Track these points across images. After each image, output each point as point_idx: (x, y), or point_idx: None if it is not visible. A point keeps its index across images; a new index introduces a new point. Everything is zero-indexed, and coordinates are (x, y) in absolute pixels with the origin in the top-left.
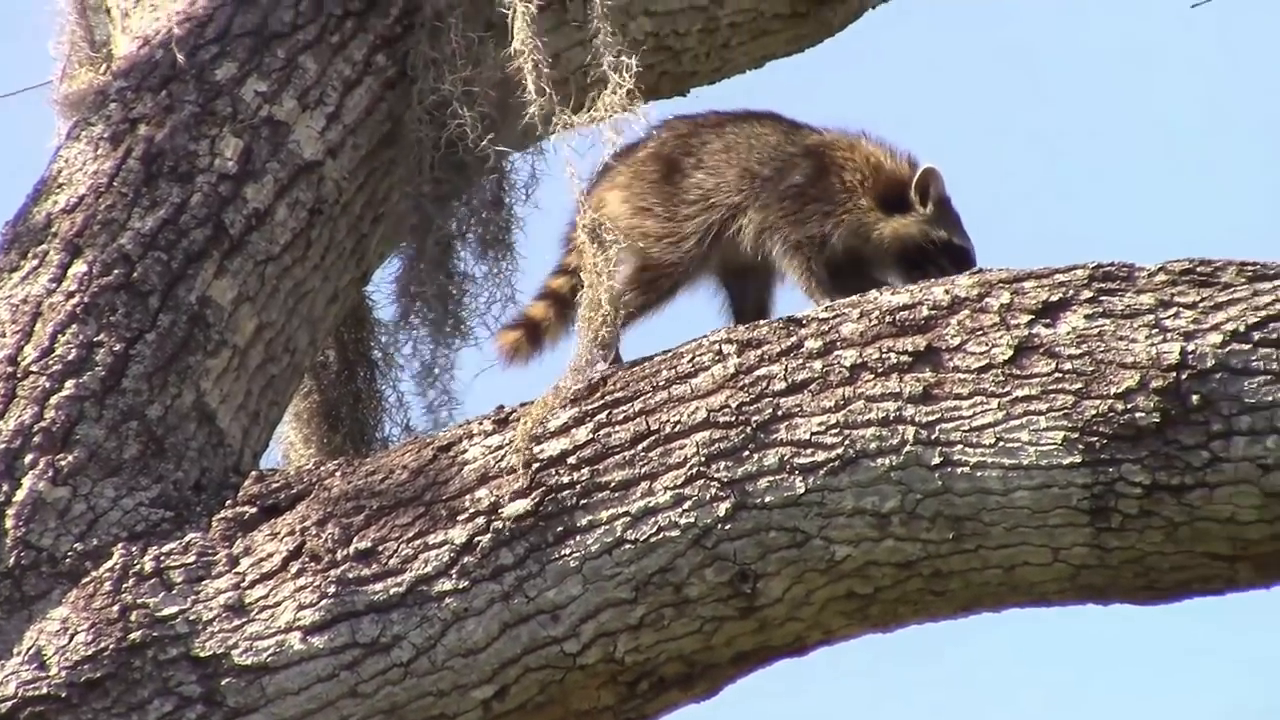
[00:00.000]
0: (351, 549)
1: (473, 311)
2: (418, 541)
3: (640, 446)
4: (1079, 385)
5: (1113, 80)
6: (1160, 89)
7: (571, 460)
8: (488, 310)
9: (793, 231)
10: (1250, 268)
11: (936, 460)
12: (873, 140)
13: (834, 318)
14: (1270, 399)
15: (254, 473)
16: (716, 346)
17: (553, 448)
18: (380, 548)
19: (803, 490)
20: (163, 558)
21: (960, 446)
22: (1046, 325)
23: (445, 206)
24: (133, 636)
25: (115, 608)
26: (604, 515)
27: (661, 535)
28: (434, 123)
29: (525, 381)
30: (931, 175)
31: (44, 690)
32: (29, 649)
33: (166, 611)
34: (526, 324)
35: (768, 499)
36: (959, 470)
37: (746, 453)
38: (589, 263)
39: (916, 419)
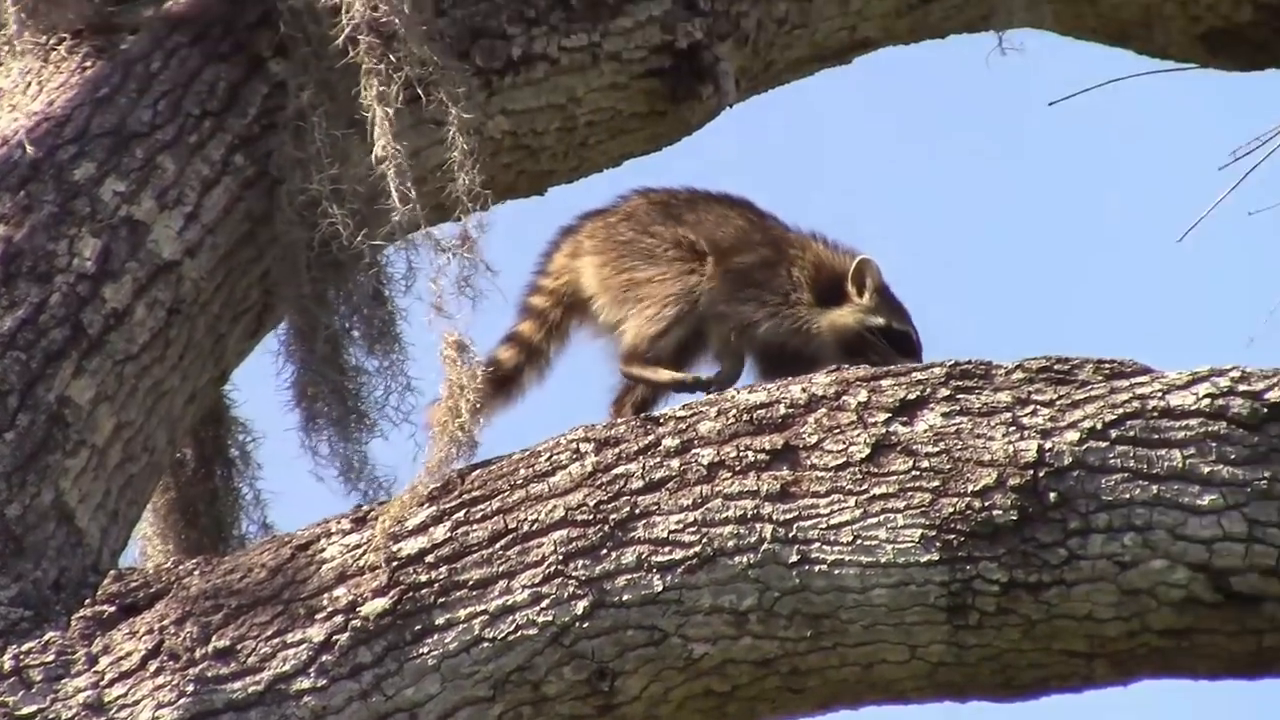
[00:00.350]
0: (210, 647)
1: (372, 405)
2: (276, 640)
3: (498, 545)
4: (936, 483)
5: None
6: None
7: (430, 559)
8: (386, 403)
9: (725, 305)
10: (1107, 365)
11: (794, 558)
12: (821, 240)
13: (691, 416)
14: (1127, 496)
15: (113, 571)
16: (574, 445)
17: (411, 546)
18: (239, 646)
19: (660, 588)
20: (22, 656)
21: (818, 544)
22: (904, 423)
23: (327, 305)
24: None
25: None
26: (462, 613)
27: (519, 633)
28: (305, 223)
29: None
30: (866, 265)
31: None
32: None
33: (26, 710)
34: (493, 374)
35: (626, 597)
36: (817, 568)
37: (604, 551)
38: (451, 375)
39: (774, 517)
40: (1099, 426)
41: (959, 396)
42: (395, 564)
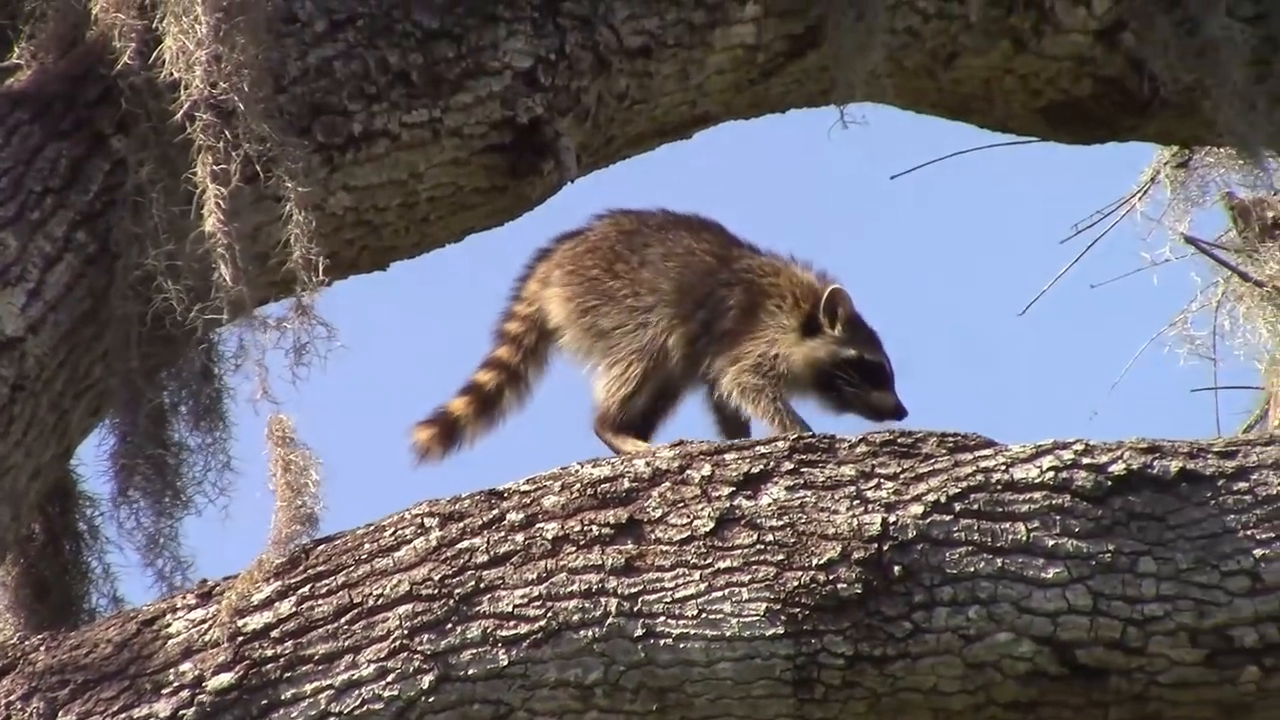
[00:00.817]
0: None
1: (190, 481)
2: (122, 715)
3: (344, 619)
4: (781, 557)
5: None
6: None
7: (275, 633)
8: (204, 479)
9: (740, 371)
10: (951, 439)
11: (639, 632)
12: (798, 264)
13: (536, 490)
14: (972, 570)
15: None
16: (419, 519)
17: (256, 621)
18: None
19: (506, 662)
20: None
21: (663, 618)
22: (748, 497)
23: (155, 380)
24: None
25: None
26: (308, 688)
27: (365, 708)
28: (139, 298)
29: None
30: (839, 295)
31: None
32: None
33: None
34: (443, 420)
35: (471, 671)
36: (662, 642)
37: (450, 625)
38: (279, 455)
39: (619, 591)
40: (943, 500)
41: (803, 470)
42: (241, 639)
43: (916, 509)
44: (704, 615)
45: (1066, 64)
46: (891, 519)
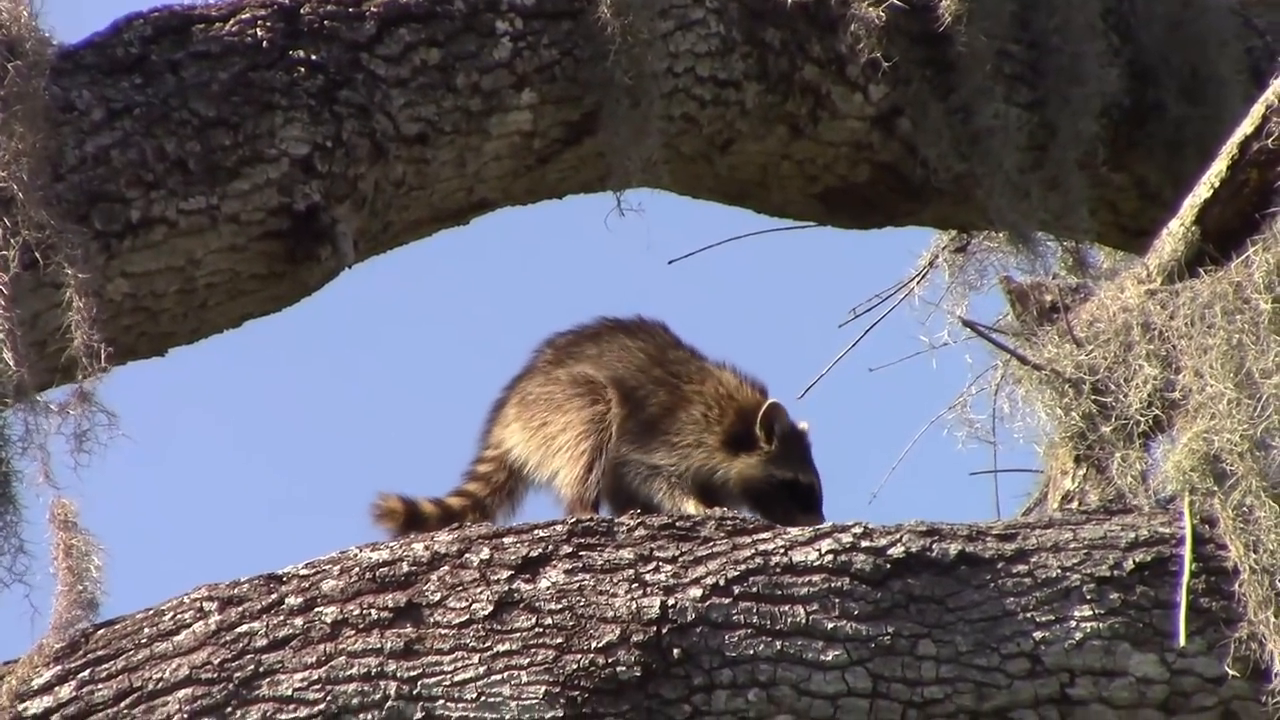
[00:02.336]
0: None
1: None
2: None
3: (124, 704)
4: (560, 640)
5: None
6: None
7: (56, 718)
8: None
9: (632, 452)
10: (730, 522)
11: (419, 715)
12: (731, 371)
13: (315, 574)
14: (751, 652)
15: None
16: (198, 604)
17: (37, 706)
18: None
19: None
20: None
21: (442, 701)
22: (527, 580)
23: None
24: None
25: None
26: None
27: None
28: None
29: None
30: (775, 411)
31: None
32: None
33: None
34: (410, 509)
35: None
36: None
37: (230, 709)
38: (61, 540)
39: (399, 674)
40: (722, 583)
41: (581, 554)
42: None
43: (695, 592)
44: (483, 698)
45: (843, 150)
46: (670, 602)
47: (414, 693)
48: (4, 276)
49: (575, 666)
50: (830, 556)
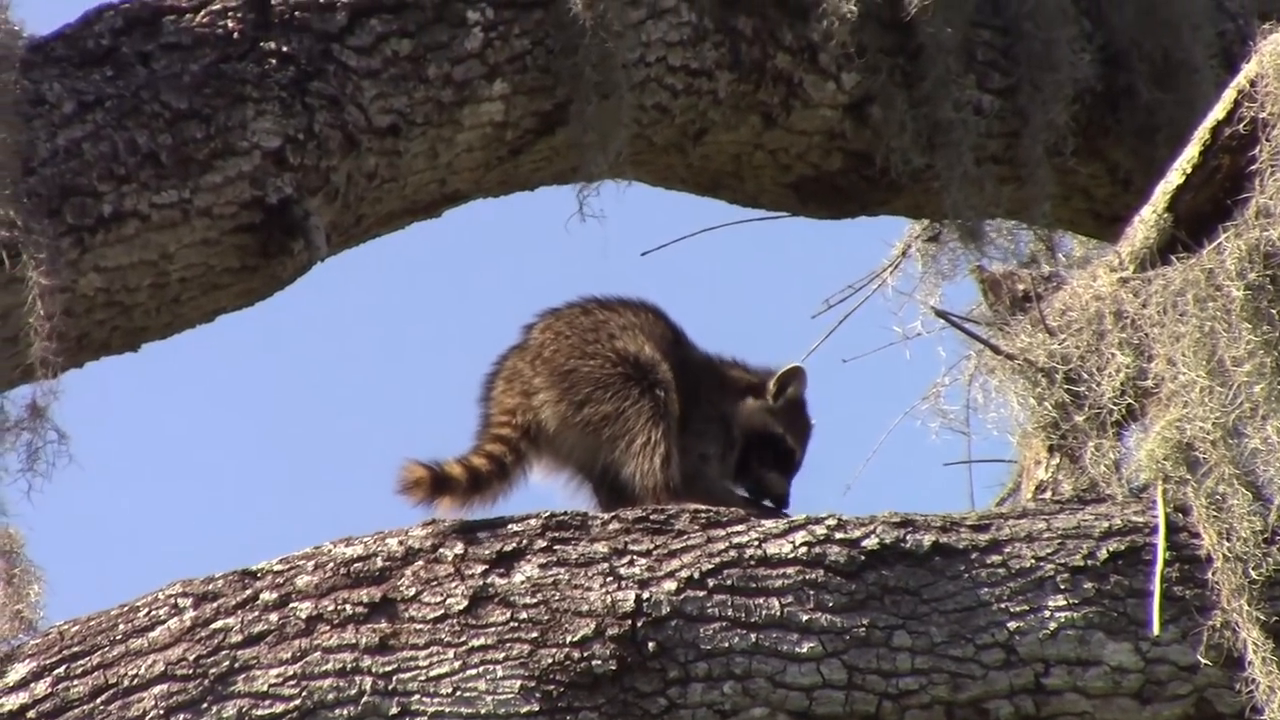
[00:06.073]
0: None
1: None
2: None
3: (99, 700)
4: (535, 634)
5: None
6: None
7: (31, 715)
8: None
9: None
10: (704, 514)
11: (395, 710)
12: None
13: (289, 570)
14: (726, 645)
15: None
16: (172, 600)
17: (12, 702)
18: None
19: None
20: None
21: (418, 696)
22: (501, 575)
23: None
24: None
25: None
26: None
27: None
28: None
29: None
30: (796, 373)
31: None
32: None
33: None
34: (435, 475)
35: None
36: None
37: (205, 705)
38: (12, 568)
39: (374, 669)
40: (696, 576)
41: (556, 548)
42: None
43: (670, 585)
44: (459, 693)
45: (816, 139)
46: (645, 595)
47: (389, 688)
48: None
49: (550, 661)
50: (805, 548)
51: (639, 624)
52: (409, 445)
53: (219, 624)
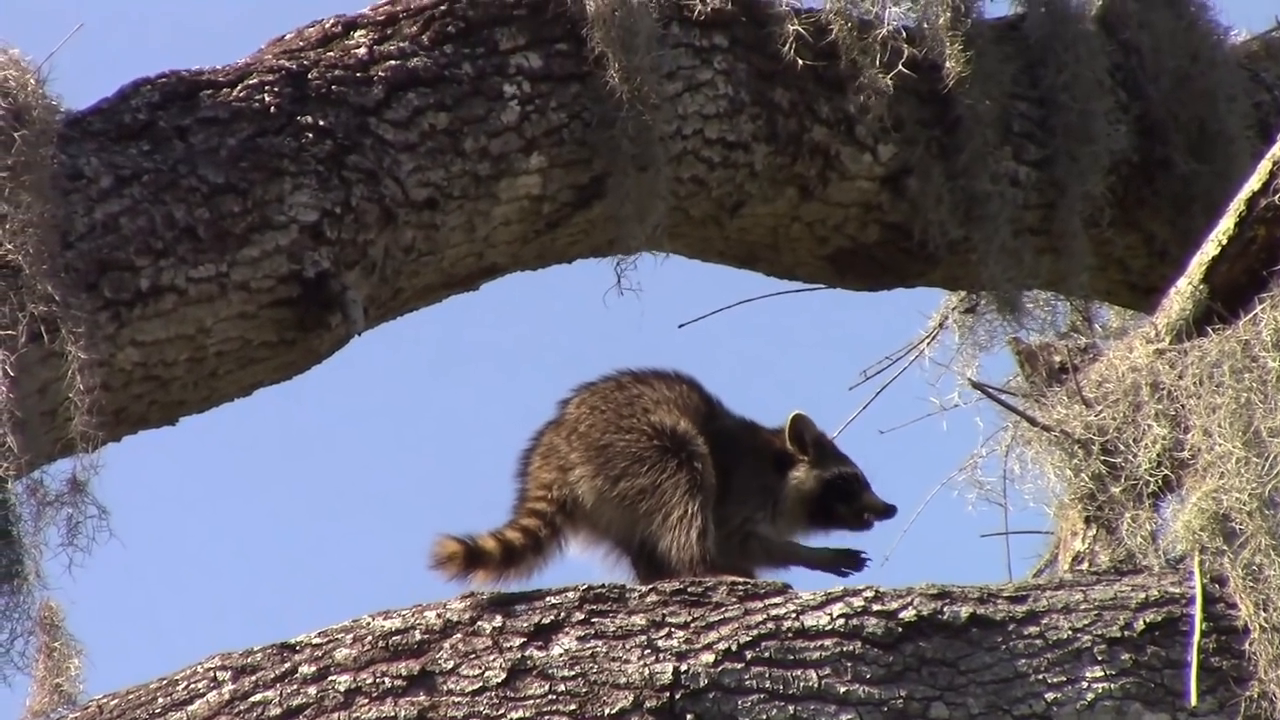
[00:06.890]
0: None
1: None
2: None
3: None
4: (574, 706)
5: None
6: None
7: None
8: (11, 646)
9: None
10: (741, 586)
11: None
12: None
13: (328, 643)
14: (764, 717)
15: None
16: (211, 673)
17: None
18: None
19: None
20: None
21: None
22: (540, 647)
23: None
24: None
25: None
26: None
27: None
28: None
29: None
30: (802, 421)
31: None
32: None
33: None
34: (469, 549)
35: None
36: None
37: None
38: (44, 643)
39: None
40: (734, 648)
41: (594, 620)
42: None
43: (708, 657)
44: None
45: (853, 210)
46: (683, 667)
47: None
48: (10, 355)
49: None
50: (842, 620)
51: (677, 696)
52: (447, 519)
53: (258, 697)
